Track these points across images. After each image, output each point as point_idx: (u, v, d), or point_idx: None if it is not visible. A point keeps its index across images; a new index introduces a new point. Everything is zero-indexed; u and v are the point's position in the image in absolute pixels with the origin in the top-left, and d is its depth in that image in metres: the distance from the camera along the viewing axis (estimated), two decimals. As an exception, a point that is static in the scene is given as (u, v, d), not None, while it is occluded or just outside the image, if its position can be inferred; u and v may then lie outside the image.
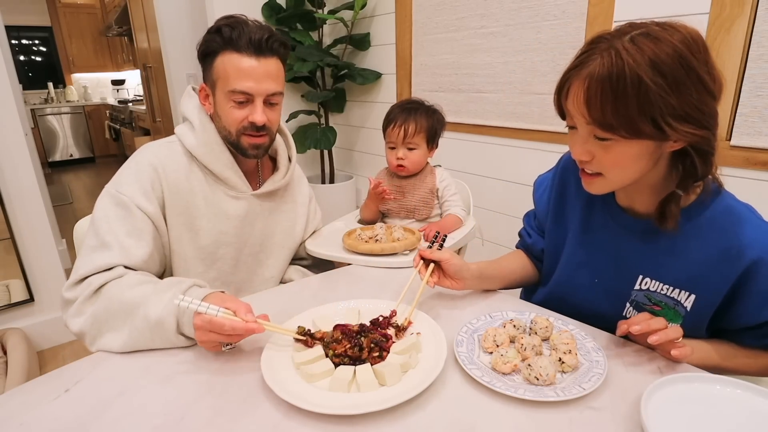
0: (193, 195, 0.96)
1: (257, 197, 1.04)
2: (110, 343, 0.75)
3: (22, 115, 2.13)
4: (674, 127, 0.60)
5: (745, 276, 0.67)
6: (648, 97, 0.58)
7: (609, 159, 0.66)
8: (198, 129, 0.97)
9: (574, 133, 0.70)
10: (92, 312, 0.78)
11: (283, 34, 2.62)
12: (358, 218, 1.37)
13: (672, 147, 0.65)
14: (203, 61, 0.95)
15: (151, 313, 0.73)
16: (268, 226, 1.08)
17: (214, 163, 0.97)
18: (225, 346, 0.71)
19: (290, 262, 1.17)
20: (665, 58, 0.58)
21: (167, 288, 0.77)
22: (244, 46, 0.89)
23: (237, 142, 0.96)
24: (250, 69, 0.90)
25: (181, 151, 0.97)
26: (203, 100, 0.99)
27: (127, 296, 0.77)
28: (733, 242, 0.68)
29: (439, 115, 1.31)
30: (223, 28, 0.90)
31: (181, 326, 0.73)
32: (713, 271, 0.69)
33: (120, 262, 0.84)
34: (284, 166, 1.10)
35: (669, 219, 0.69)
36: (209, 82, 0.95)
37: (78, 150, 6.15)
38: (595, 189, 0.72)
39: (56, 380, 0.67)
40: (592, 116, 0.63)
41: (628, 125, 0.61)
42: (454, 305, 0.89)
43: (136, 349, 0.74)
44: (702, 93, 0.60)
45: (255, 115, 0.93)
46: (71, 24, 6.03)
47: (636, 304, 0.78)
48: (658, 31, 0.60)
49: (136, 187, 0.89)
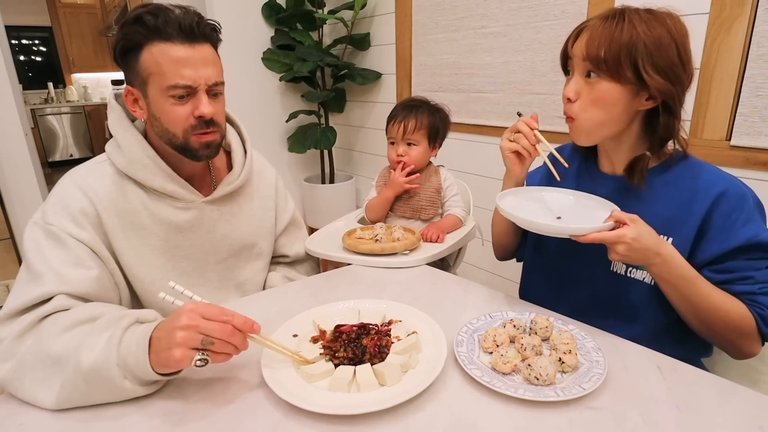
0: (135, 214, 0.86)
1: (211, 203, 0.94)
2: (41, 398, 0.61)
3: (22, 115, 2.13)
4: (651, 75, 0.72)
5: (711, 209, 0.76)
6: (636, 45, 0.72)
7: (591, 96, 0.77)
8: (124, 146, 0.86)
9: (569, 79, 0.81)
10: (20, 357, 0.65)
11: (283, 34, 2.63)
12: (359, 218, 1.36)
13: (643, 105, 0.77)
14: (123, 58, 0.82)
15: (84, 360, 0.60)
16: (233, 230, 0.98)
17: (151, 180, 0.86)
18: (199, 355, 0.59)
19: (272, 261, 1.11)
20: (657, 26, 0.72)
21: (104, 327, 0.65)
22: (175, 34, 0.78)
23: (185, 144, 0.85)
24: (186, 58, 0.79)
25: (112, 170, 0.86)
26: (131, 106, 0.86)
27: (58, 340, 0.64)
28: (701, 184, 0.78)
29: (442, 114, 1.30)
30: (145, 16, 0.78)
31: (130, 369, 0.60)
32: (685, 210, 0.78)
33: (59, 291, 0.72)
34: (239, 163, 0.99)
35: (636, 175, 0.80)
36: (136, 82, 0.82)
37: (78, 150, 6.15)
38: (574, 133, 0.83)
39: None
40: (589, 54, 0.75)
41: (614, 65, 0.73)
42: (454, 305, 0.89)
43: (72, 405, 0.61)
44: (677, 59, 0.73)
45: (201, 107, 0.82)
46: (71, 24, 6.02)
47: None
48: (657, 12, 0.75)
49: (63, 215, 0.80)
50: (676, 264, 0.73)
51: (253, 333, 0.63)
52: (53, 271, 0.74)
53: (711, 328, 0.76)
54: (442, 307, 0.87)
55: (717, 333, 0.77)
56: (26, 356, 0.65)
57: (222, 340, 0.60)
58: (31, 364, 0.64)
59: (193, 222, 0.92)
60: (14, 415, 0.61)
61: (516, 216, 0.78)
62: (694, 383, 0.64)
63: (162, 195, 0.89)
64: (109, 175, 0.86)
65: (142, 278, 0.88)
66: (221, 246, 0.98)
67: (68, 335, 0.65)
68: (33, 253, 0.76)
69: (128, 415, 0.60)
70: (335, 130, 2.66)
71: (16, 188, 1.92)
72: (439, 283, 0.99)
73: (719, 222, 0.76)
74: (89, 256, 0.80)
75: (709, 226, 0.76)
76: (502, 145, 0.90)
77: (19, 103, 2.18)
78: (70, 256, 0.77)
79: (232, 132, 1.01)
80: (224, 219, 0.97)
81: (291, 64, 2.59)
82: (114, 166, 0.87)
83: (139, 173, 0.86)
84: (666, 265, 0.73)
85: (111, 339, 0.62)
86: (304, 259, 1.16)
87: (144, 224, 0.87)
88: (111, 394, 0.61)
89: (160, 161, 0.87)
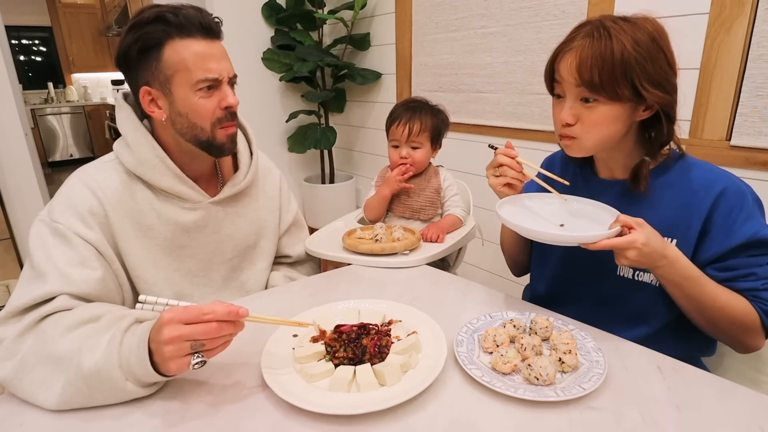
0: (142, 215, 0.86)
1: (217, 204, 0.95)
2: (41, 399, 0.61)
3: (22, 115, 2.13)
4: (649, 90, 0.72)
5: (712, 208, 0.76)
6: (630, 63, 0.71)
7: (591, 119, 0.76)
8: (133, 146, 0.85)
9: (560, 101, 0.80)
10: (21, 357, 0.65)
11: (283, 34, 2.63)
12: (359, 218, 1.36)
13: (641, 116, 0.77)
14: (142, 58, 0.81)
15: (85, 362, 0.61)
16: (237, 230, 0.99)
17: (160, 180, 0.86)
18: (195, 359, 0.59)
19: (274, 261, 1.11)
20: (642, 36, 0.72)
21: (106, 328, 0.65)
22: (195, 30, 0.80)
23: (212, 139, 0.86)
24: (209, 52, 0.82)
25: (120, 170, 0.86)
26: (148, 107, 0.84)
27: (60, 342, 0.64)
28: (700, 183, 0.78)
29: (443, 115, 1.31)
30: (166, 14, 0.79)
31: (131, 370, 0.60)
32: (686, 211, 0.78)
33: (61, 291, 0.72)
34: (245, 164, 0.99)
35: (641, 181, 0.80)
36: (156, 81, 0.82)
37: (78, 150, 6.15)
38: (573, 150, 0.81)
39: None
40: (582, 79, 0.73)
41: (611, 87, 0.72)
42: (454, 305, 0.89)
43: (73, 407, 0.61)
44: (667, 67, 0.74)
45: (228, 98, 0.84)
46: (71, 24, 6.02)
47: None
48: (633, 19, 0.74)
49: (71, 213, 0.79)
50: (680, 265, 0.73)
51: (239, 319, 0.61)
52: (57, 270, 0.74)
53: (716, 326, 0.77)
54: (442, 307, 0.87)
55: (721, 330, 0.77)
56: (28, 356, 0.65)
57: (210, 339, 0.59)
58: (33, 365, 0.64)
59: (200, 222, 0.92)
60: (15, 414, 0.61)
61: (522, 227, 0.77)
62: (694, 383, 0.64)
63: (170, 195, 0.89)
64: (117, 174, 0.86)
65: (146, 279, 0.88)
66: (226, 246, 0.98)
67: (70, 336, 0.65)
68: (38, 251, 0.76)
69: (128, 415, 0.60)
70: (335, 130, 2.66)
71: (16, 188, 1.92)
72: (439, 283, 0.99)
73: (720, 220, 0.76)
74: (94, 257, 0.79)
75: (711, 225, 0.76)
76: (492, 183, 0.90)
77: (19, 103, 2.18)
78: (75, 255, 0.77)
79: (238, 133, 1.01)
80: (229, 219, 0.97)
81: (291, 64, 2.59)
82: (122, 166, 0.87)
83: (148, 173, 0.86)
84: (671, 267, 0.72)
85: (112, 341, 0.62)
86: (305, 259, 1.16)
87: (151, 224, 0.87)
88: (112, 396, 0.61)
89: (169, 162, 0.87)
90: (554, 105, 0.82)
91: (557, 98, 0.81)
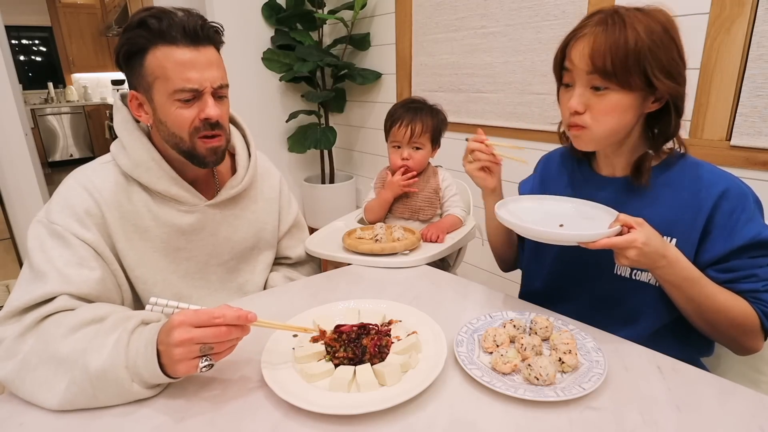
0: (139, 216, 0.86)
1: (214, 207, 0.94)
2: (43, 398, 0.61)
3: (22, 115, 2.13)
4: (660, 79, 0.72)
5: (714, 209, 0.76)
6: (643, 51, 0.70)
7: (601, 108, 0.75)
8: (129, 148, 0.85)
9: (569, 90, 0.79)
10: (23, 357, 0.65)
11: (283, 34, 2.63)
12: (359, 218, 1.36)
13: (650, 108, 0.77)
14: (128, 63, 0.81)
15: (92, 362, 0.60)
16: (235, 233, 0.98)
17: (155, 183, 0.86)
18: (203, 362, 0.60)
19: (274, 262, 1.11)
20: (655, 26, 0.72)
21: (111, 329, 0.65)
22: (179, 37, 0.78)
23: (191, 149, 0.84)
24: (191, 61, 0.78)
25: (117, 172, 0.86)
26: (136, 111, 0.85)
27: (63, 342, 0.64)
28: (702, 183, 0.78)
29: (442, 115, 1.31)
30: (149, 19, 0.77)
31: (138, 372, 0.60)
32: (687, 210, 0.78)
33: (61, 291, 0.72)
34: (243, 167, 0.98)
35: (643, 174, 0.80)
36: (141, 87, 0.82)
37: (78, 150, 6.15)
38: (583, 141, 0.81)
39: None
40: (595, 65, 0.72)
41: (623, 75, 0.72)
42: (454, 305, 0.89)
43: (76, 407, 0.61)
44: (678, 58, 0.74)
45: (207, 110, 0.81)
46: (71, 24, 6.02)
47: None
48: (646, 9, 0.74)
49: (68, 214, 0.79)
50: (680, 266, 0.73)
51: (248, 324, 0.62)
52: (56, 270, 0.74)
53: (715, 327, 0.77)
54: (442, 307, 0.87)
55: (721, 331, 0.77)
56: (29, 356, 0.64)
57: (219, 342, 0.60)
58: (35, 365, 0.63)
59: (196, 225, 0.92)
60: (15, 414, 0.61)
61: (521, 226, 0.77)
62: (694, 383, 0.64)
63: (166, 198, 0.88)
64: (114, 175, 0.86)
65: (145, 280, 0.88)
66: (223, 248, 0.97)
67: (74, 337, 0.65)
68: (36, 252, 0.76)
69: (129, 414, 0.60)
70: (335, 130, 2.66)
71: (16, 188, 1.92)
72: (439, 283, 0.99)
73: (722, 221, 0.75)
74: (93, 257, 0.79)
75: (712, 226, 0.76)
76: (467, 169, 0.94)
77: (19, 103, 2.18)
78: (73, 256, 0.77)
79: (236, 134, 1.01)
80: (227, 222, 0.97)
81: (291, 64, 2.59)
82: (119, 167, 0.86)
83: (144, 176, 0.85)
84: (671, 268, 0.72)
85: (118, 342, 0.62)
86: (305, 260, 1.16)
87: (147, 227, 0.87)
88: (117, 397, 0.61)
89: (164, 164, 0.87)
90: (562, 94, 0.81)
91: (565, 87, 0.80)
